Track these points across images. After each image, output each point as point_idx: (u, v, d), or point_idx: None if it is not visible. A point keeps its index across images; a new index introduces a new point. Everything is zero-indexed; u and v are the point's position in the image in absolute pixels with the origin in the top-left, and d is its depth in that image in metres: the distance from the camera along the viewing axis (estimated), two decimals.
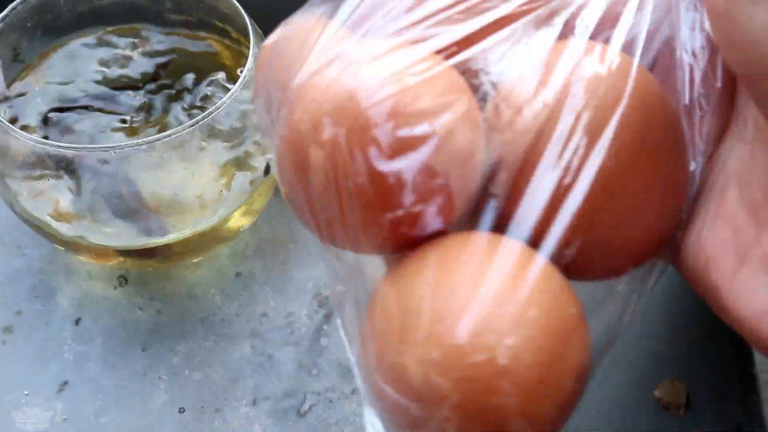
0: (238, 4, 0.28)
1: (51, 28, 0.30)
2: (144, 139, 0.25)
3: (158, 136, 0.25)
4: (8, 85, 0.29)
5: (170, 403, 0.29)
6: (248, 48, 0.27)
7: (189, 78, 0.30)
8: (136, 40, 0.31)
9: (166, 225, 0.28)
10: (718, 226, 0.16)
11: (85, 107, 0.29)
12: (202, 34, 0.31)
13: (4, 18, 0.28)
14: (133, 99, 0.29)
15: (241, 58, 0.31)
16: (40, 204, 0.27)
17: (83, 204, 0.27)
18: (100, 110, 0.29)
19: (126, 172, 0.26)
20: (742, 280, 0.15)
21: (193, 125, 0.25)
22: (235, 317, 0.31)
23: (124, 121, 0.28)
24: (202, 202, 0.28)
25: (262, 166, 0.29)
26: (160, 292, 0.32)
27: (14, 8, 0.28)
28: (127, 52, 0.30)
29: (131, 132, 0.28)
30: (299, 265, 0.33)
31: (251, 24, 0.28)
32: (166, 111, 0.29)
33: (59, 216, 0.27)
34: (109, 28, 0.31)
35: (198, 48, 0.31)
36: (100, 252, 0.29)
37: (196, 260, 0.32)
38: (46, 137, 0.27)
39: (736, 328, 0.16)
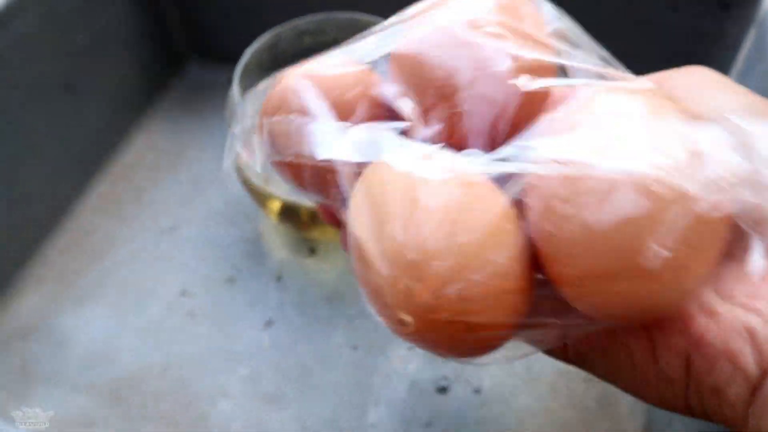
0: None
1: (274, 64, 0.41)
2: None
3: None
4: None
5: (346, 343, 0.38)
6: None
7: None
8: None
9: None
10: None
11: None
12: None
13: (246, 62, 0.38)
14: None
15: None
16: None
17: None
18: None
19: None
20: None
21: None
22: None
23: None
24: None
25: None
26: (341, 262, 0.41)
27: (250, 54, 0.38)
28: None
29: None
30: None
31: None
32: None
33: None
34: None
35: None
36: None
37: None
38: None
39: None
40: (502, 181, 0.18)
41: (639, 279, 0.16)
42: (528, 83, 0.19)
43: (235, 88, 0.36)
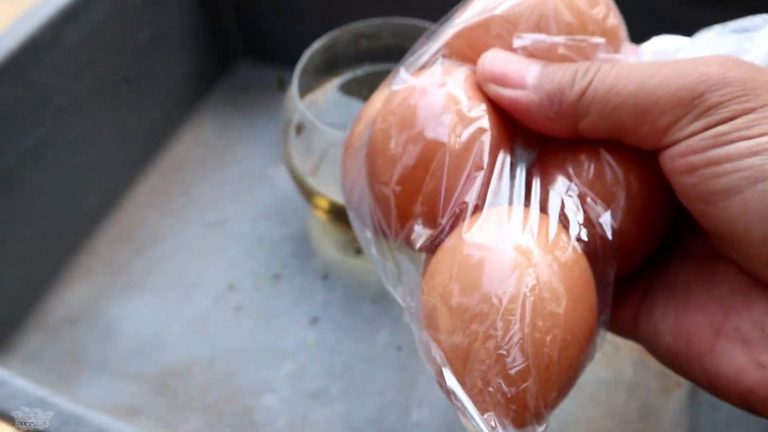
0: None
1: (330, 65, 0.41)
2: None
3: None
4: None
5: (390, 343, 0.38)
6: None
7: None
8: None
9: None
10: (692, 314, 0.20)
11: None
12: None
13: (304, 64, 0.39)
14: None
15: None
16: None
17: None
18: None
19: None
20: (719, 349, 0.19)
21: None
22: None
23: None
24: None
25: None
26: None
27: (309, 55, 0.39)
28: None
29: None
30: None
31: None
32: None
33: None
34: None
35: None
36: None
37: None
38: None
39: (717, 388, 0.19)
40: None
41: None
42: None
43: (294, 87, 0.37)
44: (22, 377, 0.26)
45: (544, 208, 0.20)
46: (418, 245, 0.21)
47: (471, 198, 0.20)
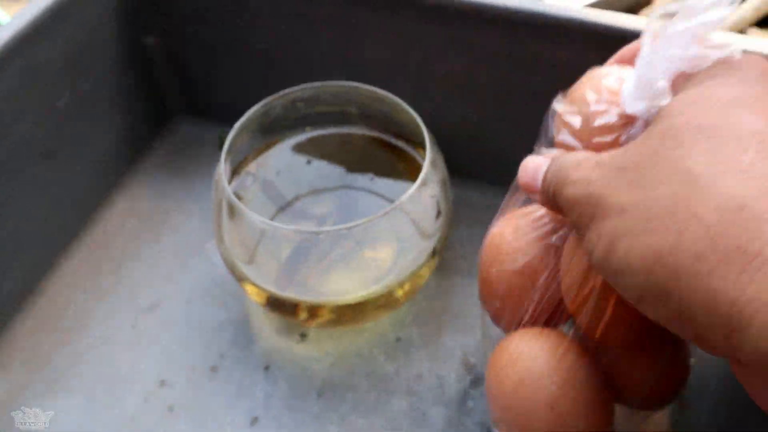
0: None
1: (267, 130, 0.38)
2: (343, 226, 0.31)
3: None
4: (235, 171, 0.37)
5: None
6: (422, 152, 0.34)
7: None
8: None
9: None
10: None
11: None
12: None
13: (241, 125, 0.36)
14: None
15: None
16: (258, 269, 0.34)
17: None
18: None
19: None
20: None
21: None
22: (394, 375, 0.36)
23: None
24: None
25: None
26: (334, 348, 0.38)
27: (247, 117, 0.36)
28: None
29: None
30: (450, 333, 0.38)
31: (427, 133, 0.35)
32: None
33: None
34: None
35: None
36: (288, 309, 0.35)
37: (364, 324, 0.38)
38: None
39: None
40: None
41: None
42: None
43: (222, 167, 0.34)
44: None
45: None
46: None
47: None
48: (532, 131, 0.28)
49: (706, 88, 0.21)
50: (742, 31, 0.50)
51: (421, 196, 0.33)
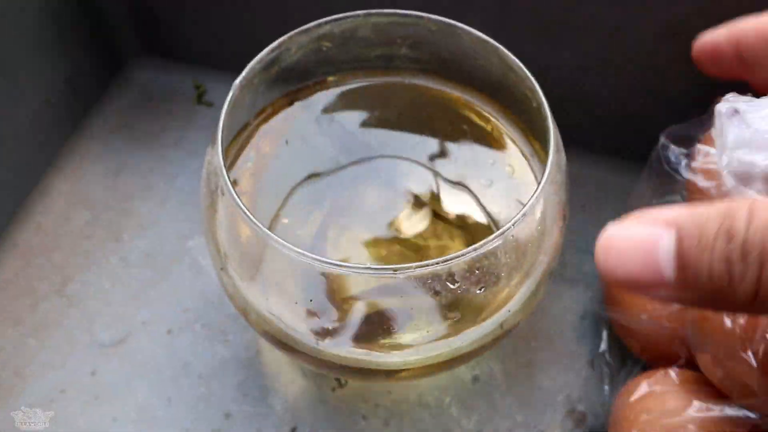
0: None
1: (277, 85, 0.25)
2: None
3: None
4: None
5: None
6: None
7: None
8: None
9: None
10: None
11: None
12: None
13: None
14: None
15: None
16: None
17: None
18: None
19: None
20: None
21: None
22: None
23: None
24: None
25: None
26: (386, 397, 0.27)
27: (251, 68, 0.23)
28: None
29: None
30: (545, 369, 0.27)
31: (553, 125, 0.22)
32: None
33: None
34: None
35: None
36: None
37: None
38: None
39: None
40: None
41: None
42: None
43: (219, 147, 0.21)
44: None
45: None
46: None
47: None
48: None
49: None
50: None
51: (535, 213, 0.21)
